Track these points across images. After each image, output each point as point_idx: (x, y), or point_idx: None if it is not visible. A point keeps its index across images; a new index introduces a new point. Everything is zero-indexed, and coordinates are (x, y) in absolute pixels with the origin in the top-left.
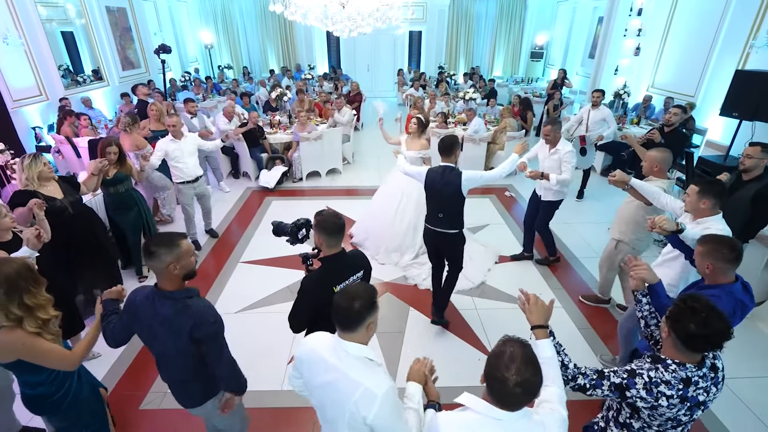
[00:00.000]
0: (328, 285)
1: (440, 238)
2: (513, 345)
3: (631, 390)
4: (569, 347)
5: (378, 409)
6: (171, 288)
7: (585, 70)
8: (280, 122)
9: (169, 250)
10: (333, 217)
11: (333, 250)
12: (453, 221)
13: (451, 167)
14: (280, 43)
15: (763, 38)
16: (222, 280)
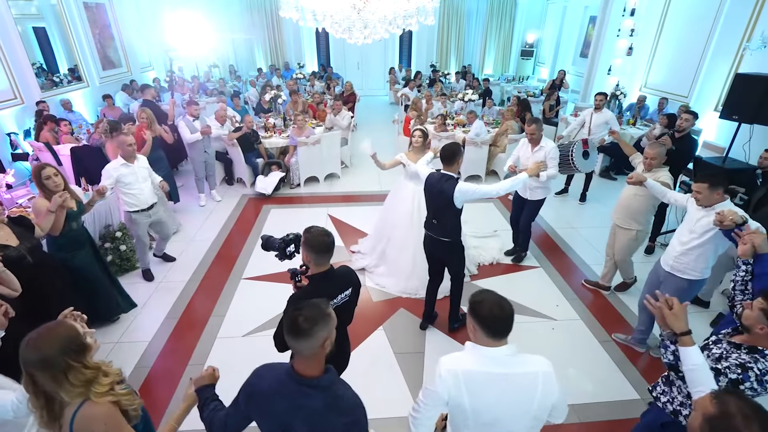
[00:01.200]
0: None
1: (434, 244)
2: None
3: (745, 383)
4: (594, 363)
5: (557, 383)
6: (316, 372)
7: (576, 68)
8: (275, 125)
9: (325, 323)
10: (321, 235)
11: (321, 268)
12: (445, 230)
13: (449, 176)
14: (267, 41)
15: (757, 40)
16: (225, 300)
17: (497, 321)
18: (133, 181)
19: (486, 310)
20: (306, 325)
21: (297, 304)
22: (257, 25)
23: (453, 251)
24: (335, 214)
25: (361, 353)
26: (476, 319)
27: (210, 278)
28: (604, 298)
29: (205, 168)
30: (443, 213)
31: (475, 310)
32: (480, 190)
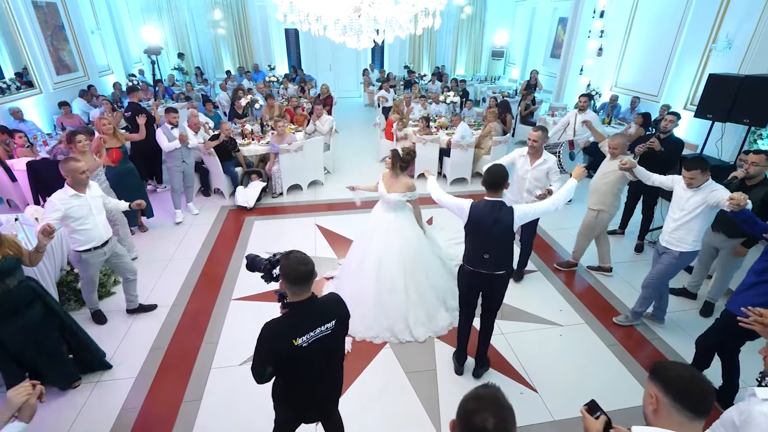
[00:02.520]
0: (284, 337)
1: (484, 280)
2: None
3: None
4: (606, 368)
5: None
6: None
7: (547, 69)
8: (253, 132)
9: (514, 422)
10: (299, 263)
11: (299, 297)
12: (500, 262)
13: (501, 203)
14: (235, 42)
15: (722, 41)
16: (216, 325)
17: (698, 394)
18: (86, 214)
19: (684, 375)
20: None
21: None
22: (223, 26)
23: (505, 283)
24: (323, 224)
25: (371, 376)
26: (665, 388)
27: (196, 301)
28: (601, 297)
29: (183, 179)
30: (500, 244)
31: (664, 374)
32: (538, 210)
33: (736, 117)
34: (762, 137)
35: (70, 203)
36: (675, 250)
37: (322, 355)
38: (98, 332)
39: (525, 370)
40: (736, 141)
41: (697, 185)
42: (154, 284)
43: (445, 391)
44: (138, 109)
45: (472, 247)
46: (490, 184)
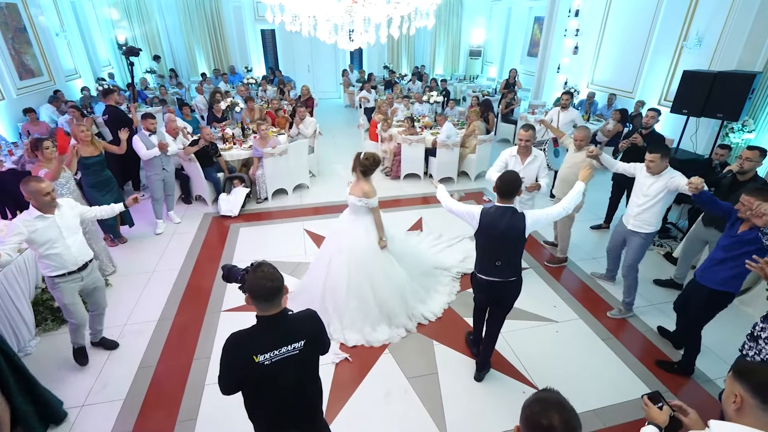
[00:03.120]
0: (247, 352)
1: (497, 288)
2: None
3: None
4: (604, 363)
5: None
6: None
7: (524, 67)
8: (234, 136)
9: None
10: (264, 278)
11: (266, 312)
12: (513, 268)
13: (512, 209)
14: (209, 43)
15: (693, 39)
16: (206, 339)
17: None
18: (54, 237)
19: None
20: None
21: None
22: (197, 28)
23: (518, 288)
24: (312, 228)
25: (372, 383)
26: (753, 390)
27: (184, 314)
28: (592, 291)
29: (163, 188)
30: (513, 251)
31: (751, 377)
32: (550, 215)
33: (710, 112)
34: (734, 131)
35: (35, 226)
36: (642, 232)
37: (290, 376)
38: None
39: (525, 369)
40: (709, 135)
41: (656, 171)
42: (137, 299)
43: (448, 393)
44: (117, 114)
45: (483, 255)
46: (504, 191)
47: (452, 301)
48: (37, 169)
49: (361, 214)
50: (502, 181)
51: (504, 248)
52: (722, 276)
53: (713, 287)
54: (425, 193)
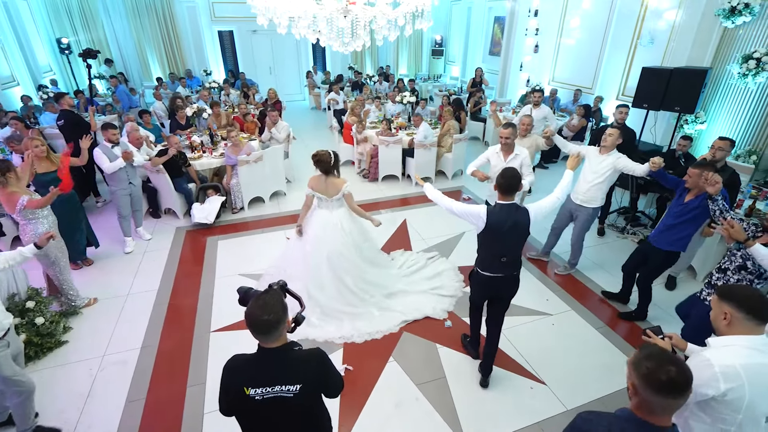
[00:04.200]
0: (239, 381)
1: (501, 283)
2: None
3: None
4: (600, 351)
5: None
6: None
7: (487, 66)
8: (203, 143)
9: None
10: (260, 309)
11: (266, 344)
12: (516, 263)
13: (516, 205)
14: (162, 46)
15: (646, 37)
16: (199, 364)
17: (765, 307)
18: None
19: (749, 294)
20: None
21: None
22: (148, 30)
23: (518, 283)
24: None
25: (381, 394)
26: (738, 305)
27: (169, 339)
28: (579, 282)
29: (131, 203)
30: (517, 246)
31: (734, 295)
32: (548, 206)
33: (668, 105)
34: (688, 122)
35: None
36: (590, 206)
37: (284, 417)
38: (55, 393)
39: (529, 364)
40: (666, 127)
41: (610, 145)
42: (113, 326)
43: (459, 397)
44: (73, 119)
45: (488, 253)
46: (507, 187)
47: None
48: (15, 197)
49: (334, 208)
50: (503, 178)
51: (510, 244)
52: (672, 238)
53: (665, 248)
54: (404, 194)
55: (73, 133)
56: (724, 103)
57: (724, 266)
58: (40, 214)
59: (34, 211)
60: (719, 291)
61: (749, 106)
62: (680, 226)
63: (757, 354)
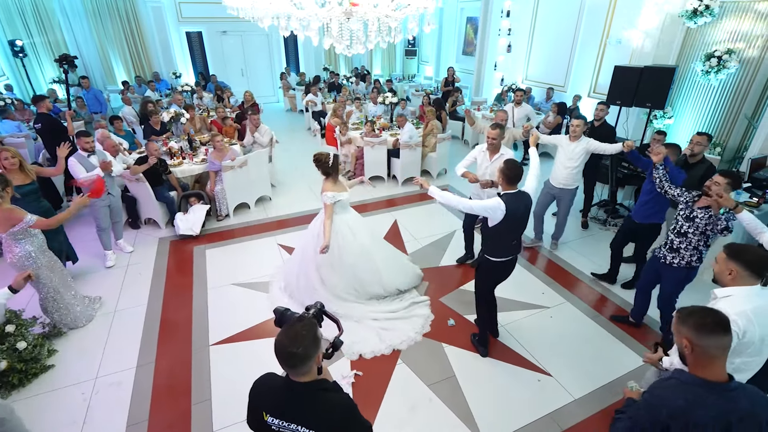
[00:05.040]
0: (259, 403)
1: (510, 264)
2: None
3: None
4: (598, 341)
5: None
6: None
7: (460, 65)
8: (183, 149)
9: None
10: (286, 338)
11: (292, 377)
12: (520, 242)
13: (521, 191)
14: (126, 48)
15: (614, 37)
16: (201, 380)
17: (762, 260)
18: None
19: (754, 257)
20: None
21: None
22: (110, 32)
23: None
24: (286, 242)
25: (394, 398)
26: (744, 264)
27: (166, 356)
28: (569, 274)
29: (110, 214)
30: (523, 228)
31: (741, 256)
32: (535, 185)
33: (640, 102)
34: (657, 117)
35: None
36: (571, 187)
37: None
38: (47, 422)
39: (534, 357)
40: (636, 122)
41: (578, 134)
42: (103, 346)
43: (471, 394)
44: (51, 123)
45: (503, 239)
46: (513, 177)
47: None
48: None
49: (339, 211)
50: (509, 169)
51: (522, 227)
52: (649, 212)
53: (646, 221)
54: (391, 195)
55: (52, 138)
56: (689, 99)
57: (683, 231)
58: (31, 232)
59: (27, 230)
60: (729, 251)
61: (712, 101)
62: (652, 201)
63: (756, 298)
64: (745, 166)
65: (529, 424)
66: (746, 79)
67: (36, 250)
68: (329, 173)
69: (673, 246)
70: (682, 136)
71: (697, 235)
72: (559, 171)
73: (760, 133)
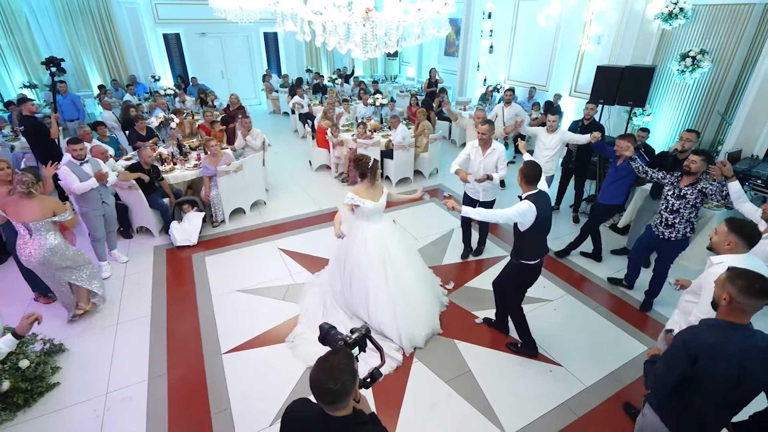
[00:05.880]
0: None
1: (542, 264)
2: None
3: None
4: (600, 330)
5: None
6: None
7: (443, 66)
8: (174, 155)
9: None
10: (322, 372)
11: (326, 410)
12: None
13: (542, 191)
14: (101, 51)
15: (593, 38)
16: (218, 389)
17: (756, 234)
18: None
19: (751, 232)
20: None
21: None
22: (83, 34)
23: None
24: (286, 246)
25: (414, 397)
26: (743, 237)
27: (178, 367)
28: (567, 267)
29: (104, 225)
30: (550, 227)
31: (743, 230)
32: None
33: (622, 100)
34: (636, 114)
35: None
36: (548, 174)
37: None
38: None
39: (543, 349)
40: (617, 119)
41: (554, 129)
42: (109, 360)
43: (488, 388)
44: (35, 125)
45: (538, 239)
46: (531, 177)
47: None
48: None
49: (381, 219)
50: (528, 169)
51: (549, 226)
52: (611, 194)
53: (608, 203)
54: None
55: (36, 141)
56: (666, 96)
57: (675, 208)
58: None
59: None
60: (731, 226)
61: (688, 99)
62: (615, 184)
63: (744, 263)
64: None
65: (547, 413)
66: (718, 78)
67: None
68: (365, 175)
69: (668, 223)
70: (660, 131)
71: (688, 209)
72: (538, 160)
73: (734, 128)
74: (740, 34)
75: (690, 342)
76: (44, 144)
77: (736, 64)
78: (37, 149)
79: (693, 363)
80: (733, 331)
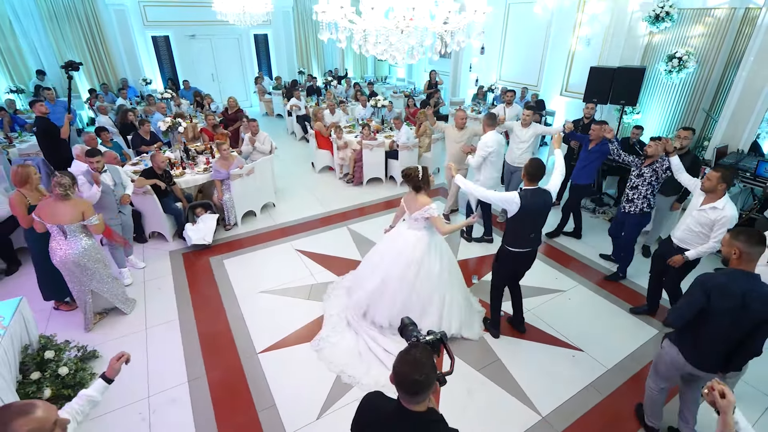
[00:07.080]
0: (361, 425)
1: (527, 257)
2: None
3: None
4: (613, 316)
5: None
6: None
7: (433, 67)
8: (183, 159)
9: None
10: (408, 365)
11: (406, 404)
12: (539, 237)
13: (542, 189)
14: (88, 55)
15: (583, 39)
16: (260, 388)
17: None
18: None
19: (752, 234)
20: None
21: None
22: (70, 38)
23: (535, 257)
24: (303, 247)
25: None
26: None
27: (216, 368)
28: (573, 258)
29: (122, 232)
30: (541, 223)
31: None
32: (557, 184)
33: (615, 99)
34: (626, 113)
35: None
36: (520, 165)
37: None
38: None
39: (563, 336)
40: (607, 117)
41: (528, 123)
42: (145, 364)
43: (518, 374)
44: (48, 127)
45: (519, 231)
46: (534, 174)
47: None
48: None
49: (415, 228)
50: (531, 167)
51: (539, 222)
52: (584, 175)
53: (582, 182)
54: (389, 196)
55: (48, 141)
56: (654, 96)
57: (634, 185)
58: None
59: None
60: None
61: (675, 98)
62: (587, 167)
63: (727, 199)
64: (711, 155)
65: (576, 394)
66: (703, 78)
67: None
68: (420, 187)
69: (629, 198)
70: (649, 128)
71: (645, 185)
72: (513, 152)
73: (720, 125)
74: (723, 36)
75: (706, 282)
76: (54, 144)
77: (720, 64)
78: (47, 149)
79: (708, 299)
80: (741, 276)
